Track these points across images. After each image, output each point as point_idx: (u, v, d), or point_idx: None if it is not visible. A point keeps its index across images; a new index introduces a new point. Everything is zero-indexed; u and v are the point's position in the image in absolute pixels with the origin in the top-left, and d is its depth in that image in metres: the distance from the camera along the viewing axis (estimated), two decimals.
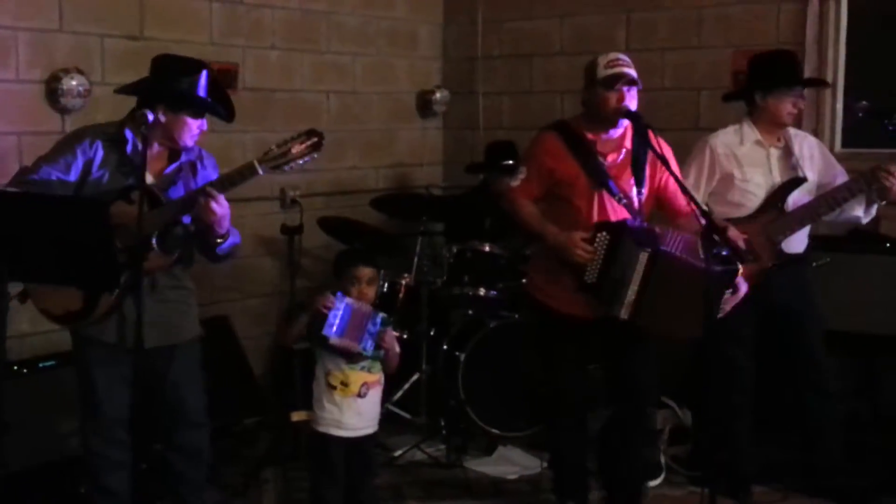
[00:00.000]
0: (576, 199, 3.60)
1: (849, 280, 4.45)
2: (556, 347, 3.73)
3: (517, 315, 4.92)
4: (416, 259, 5.34)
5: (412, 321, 4.96)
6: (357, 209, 5.62)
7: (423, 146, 6.38)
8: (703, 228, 3.21)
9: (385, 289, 4.88)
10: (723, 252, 3.37)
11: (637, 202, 3.56)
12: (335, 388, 3.56)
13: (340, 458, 3.60)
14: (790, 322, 4.08)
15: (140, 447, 3.46)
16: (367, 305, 3.57)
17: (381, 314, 3.56)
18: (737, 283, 3.51)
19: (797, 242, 4.05)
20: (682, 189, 3.42)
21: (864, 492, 4.08)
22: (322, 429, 3.59)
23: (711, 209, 4.01)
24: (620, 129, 3.63)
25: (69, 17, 4.47)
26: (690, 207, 3.59)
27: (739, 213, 4.01)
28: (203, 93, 3.32)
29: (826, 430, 4.12)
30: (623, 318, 3.51)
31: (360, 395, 3.57)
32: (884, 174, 3.83)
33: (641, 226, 3.53)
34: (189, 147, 3.38)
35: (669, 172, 3.49)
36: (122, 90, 3.40)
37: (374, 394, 3.62)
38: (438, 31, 6.39)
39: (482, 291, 4.91)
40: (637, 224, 3.53)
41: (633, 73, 3.60)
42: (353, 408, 3.57)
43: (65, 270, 3.01)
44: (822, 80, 4.78)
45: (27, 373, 4.06)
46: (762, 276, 3.89)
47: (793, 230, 3.98)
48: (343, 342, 3.48)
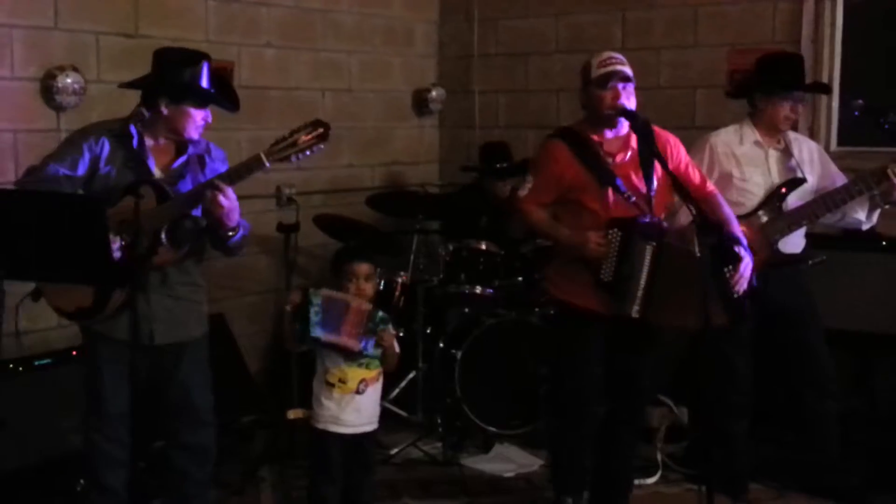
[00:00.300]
0: (588, 202, 3.60)
1: (844, 278, 4.45)
2: (577, 344, 3.71)
3: (514, 313, 4.93)
4: (413, 257, 5.33)
5: (408, 319, 4.96)
6: (353, 207, 5.62)
7: (419, 144, 6.38)
8: (695, 217, 3.21)
9: (381, 287, 4.87)
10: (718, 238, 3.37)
11: (648, 198, 3.55)
12: (333, 386, 3.57)
13: (338, 456, 3.60)
14: (789, 320, 4.07)
15: (139, 445, 3.46)
16: (362, 300, 3.56)
17: (381, 312, 3.56)
18: (738, 256, 3.47)
19: (794, 243, 4.05)
20: (674, 184, 3.42)
21: (860, 490, 4.09)
22: (320, 426, 3.60)
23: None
24: (624, 128, 3.63)
25: (64, 15, 4.45)
26: (710, 188, 3.74)
27: (737, 212, 3.98)
28: (206, 83, 3.31)
29: (825, 429, 4.12)
30: (635, 317, 3.52)
31: (359, 392, 3.57)
32: (891, 171, 3.78)
33: (650, 220, 3.53)
34: (195, 139, 3.37)
35: (665, 170, 3.48)
36: (125, 85, 3.40)
37: (373, 391, 3.62)
38: (434, 30, 6.39)
39: (478, 289, 4.91)
40: (646, 219, 3.53)
41: (627, 70, 3.60)
42: (352, 405, 3.57)
43: (61, 267, 3.01)
44: (823, 85, 4.69)
45: (23, 371, 4.05)
46: (759, 276, 3.89)
47: (790, 230, 3.98)
48: (340, 340, 3.48)
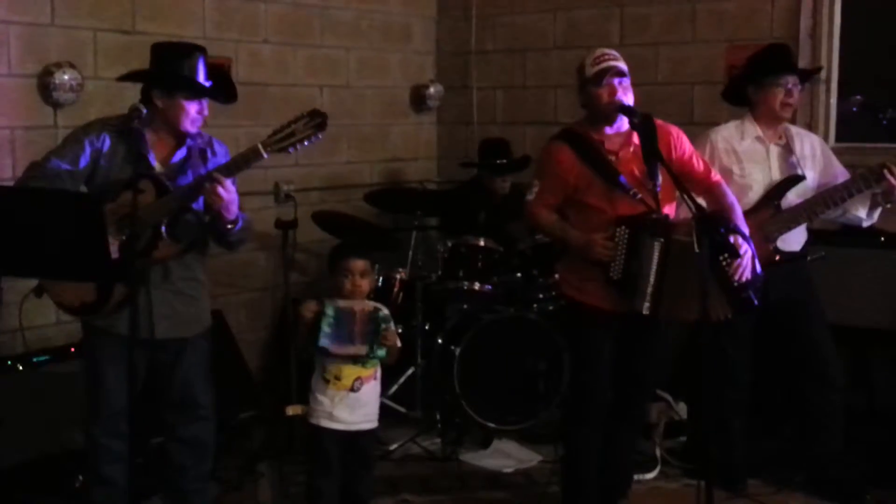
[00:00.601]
0: (595, 201, 3.60)
1: (842, 274, 4.44)
2: (592, 344, 3.70)
3: (512, 309, 4.93)
4: (411, 254, 5.33)
5: (407, 316, 4.95)
6: (351, 204, 5.62)
7: (417, 141, 6.37)
8: (695, 213, 3.20)
9: (380, 283, 4.87)
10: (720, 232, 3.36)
11: (654, 193, 3.54)
12: (329, 382, 3.58)
13: (335, 451, 3.60)
14: (791, 314, 4.06)
15: (138, 440, 3.45)
16: (364, 303, 3.57)
17: (382, 311, 3.57)
18: (736, 246, 3.44)
19: (794, 240, 4.04)
20: (675, 181, 3.40)
21: (858, 485, 4.09)
22: (314, 421, 3.61)
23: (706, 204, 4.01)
24: (624, 124, 3.61)
25: (61, 12, 4.45)
26: (715, 178, 3.72)
27: None
28: (201, 76, 3.30)
29: (828, 423, 4.10)
30: (645, 314, 3.51)
31: (353, 390, 3.58)
32: (887, 169, 3.77)
33: (656, 217, 3.52)
34: (192, 132, 3.36)
35: (664, 166, 3.47)
36: (122, 77, 3.41)
37: (369, 389, 3.62)
38: (432, 26, 6.39)
39: (477, 286, 4.91)
40: (653, 216, 3.53)
41: (621, 65, 3.59)
42: (346, 402, 3.58)
43: (59, 265, 3.00)
44: (812, 69, 4.67)
45: (22, 368, 4.04)
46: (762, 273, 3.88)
47: (789, 228, 3.97)
48: (348, 350, 3.51)
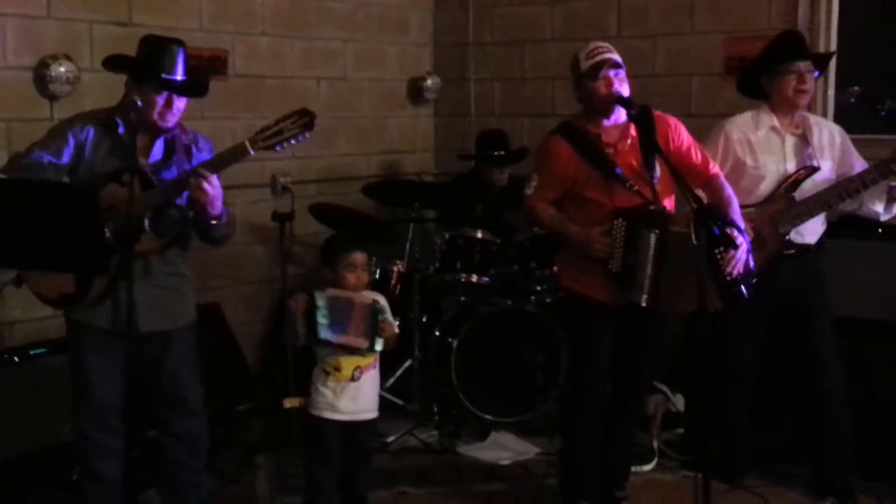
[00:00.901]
0: (593, 194, 3.60)
1: (840, 265, 4.43)
2: (591, 336, 3.70)
3: (510, 301, 4.93)
4: (408, 246, 5.33)
5: (404, 308, 4.95)
6: (348, 196, 5.61)
7: (415, 133, 6.36)
8: (692, 205, 3.18)
9: (377, 276, 4.87)
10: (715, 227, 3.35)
11: (651, 185, 3.53)
12: (329, 373, 3.59)
13: (335, 442, 3.61)
14: (798, 313, 4.01)
15: (133, 434, 3.46)
16: (362, 296, 3.57)
17: (379, 303, 3.57)
18: (731, 239, 3.43)
19: (808, 232, 3.97)
20: (673, 174, 3.39)
21: (855, 477, 4.08)
22: (316, 412, 3.61)
23: None
24: (622, 116, 3.60)
25: (57, 4, 4.43)
26: (713, 171, 3.70)
27: (750, 201, 3.94)
28: (176, 70, 3.25)
29: (828, 426, 4.04)
30: (643, 306, 3.51)
31: (354, 379, 3.58)
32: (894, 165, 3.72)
33: (653, 209, 3.52)
34: (161, 126, 3.31)
35: (661, 157, 3.46)
36: (103, 62, 3.41)
37: (369, 377, 3.63)
38: (429, 17, 6.36)
39: (474, 278, 4.91)
40: (651, 207, 3.52)
41: (616, 57, 3.58)
42: (348, 392, 3.58)
43: (53, 256, 3.00)
44: (825, 54, 4.43)
45: (18, 360, 4.04)
46: (769, 266, 3.84)
47: (801, 220, 3.90)
48: (349, 340, 3.51)
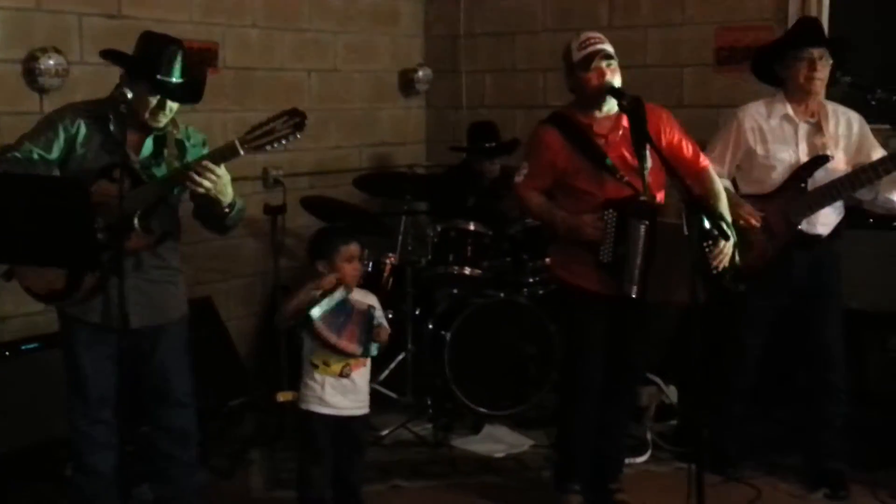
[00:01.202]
0: (583, 185, 3.59)
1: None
2: (584, 326, 3.70)
3: (503, 293, 4.92)
4: (401, 238, 5.32)
5: (397, 300, 4.94)
6: (340, 189, 5.59)
7: (406, 125, 6.34)
8: (684, 196, 3.18)
9: (370, 268, 4.86)
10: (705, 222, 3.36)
11: (643, 177, 3.52)
12: (317, 367, 3.58)
13: (326, 437, 3.60)
14: (808, 306, 3.98)
15: (126, 428, 3.45)
16: (360, 301, 3.57)
17: (375, 310, 3.57)
18: (720, 234, 3.44)
19: (821, 223, 3.91)
20: (665, 165, 3.38)
21: (848, 467, 4.09)
22: (304, 406, 3.61)
23: (738, 184, 3.99)
24: (614, 108, 3.59)
25: None
26: (703, 164, 3.69)
27: (762, 191, 3.92)
28: (174, 72, 3.21)
29: (827, 420, 4.04)
30: (633, 297, 3.51)
31: (342, 375, 3.58)
32: None
33: (643, 200, 3.51)
34: (155, 126, 3.28)
35: (653, 147, 3.45)
36: (102, 53, 3.34)
37: (359, 374, 3.62)
38: (420, 9, 6.34)
39: (467, 270, 4.90)
40: (641, 198, 3.51)
41: (608, 48, 3.57)
42: (336, 386, 3.57)
43: (44, 251, 2.98)
44: (839, 39, 4.08)
45: (10, 355, 4.03)
46: (780, 257, 3.85)
47: (812, 210, 3.85)
48: (340, 343, 3.50)
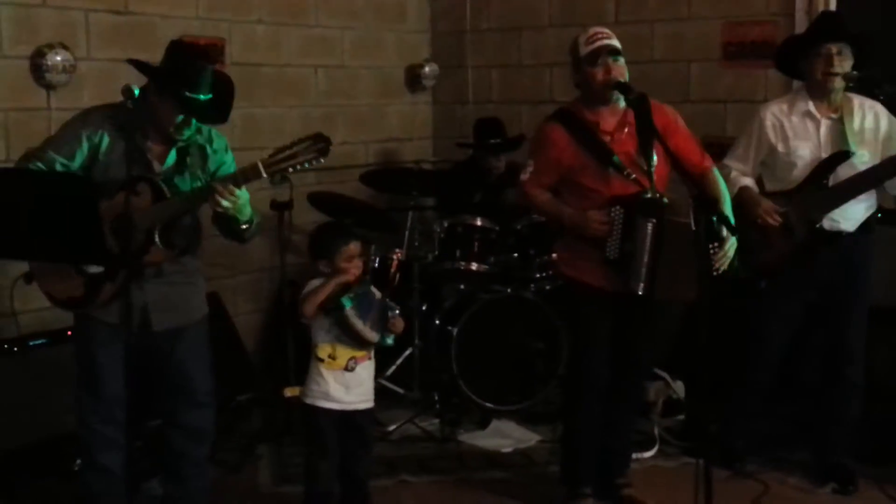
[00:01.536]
0: (589, 182, 3.58)
1: None
2: (590, 323, 3.69)
3: (509, 289, 4.93)
4: (408, 234, 5.32)
5: (404, 296, 4.93)
6: (347, 184, 5.59)
7: (413, 121, 6.34)
8: (693, 193, 3.17)
9: (377, 264, 4.86)
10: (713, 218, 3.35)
11: (649, 174, 3.51)
12: (323, 361, 3.58)
13: (332, 431, 3.60)
14: (832, 302, 3.96)
15: (135, 425, 3.45)
16: (380, 294, 3.59)
17: (389, 302, 3.59)
18: (725, 235, 3.44)
19: (845, 219, 3.85)
20: (672, 161, 3.37)
21: (855, 462, 4.08)
22: (309, 400, 3.61)
23: (763, 182, 3.99)
24: (620, 104, 3.59)
25: None
26: (706, 164, 3.69)
27: (784, 188, 3.89)
28: (202, 88, 3.17)
29: (839, 416, 4.03)
30: (640, 294, 3.51)
31: (348, 369, 3.58)
32: None
33: (649, 197, 3.50)
34: (175, 138, 3.25)
35: (660, 143, 3.45)
36: (130, 61, 3.29)
37: (364, 368, 3.62)
38: (426, 4, 6.33)
39: (474, 265, 4.90)
40: (647, 195, 3.50)
41: (615, 43, 3.56)
42: (341, 381, 3.57)
43: (52, 246, 2.98)
44: (858, 33, 3.89)
45: (18, 351, 4.04)
46: (801, 255, 3.84)
47: (832, 206, 3.80)
48: (364, 332, 3.51)
